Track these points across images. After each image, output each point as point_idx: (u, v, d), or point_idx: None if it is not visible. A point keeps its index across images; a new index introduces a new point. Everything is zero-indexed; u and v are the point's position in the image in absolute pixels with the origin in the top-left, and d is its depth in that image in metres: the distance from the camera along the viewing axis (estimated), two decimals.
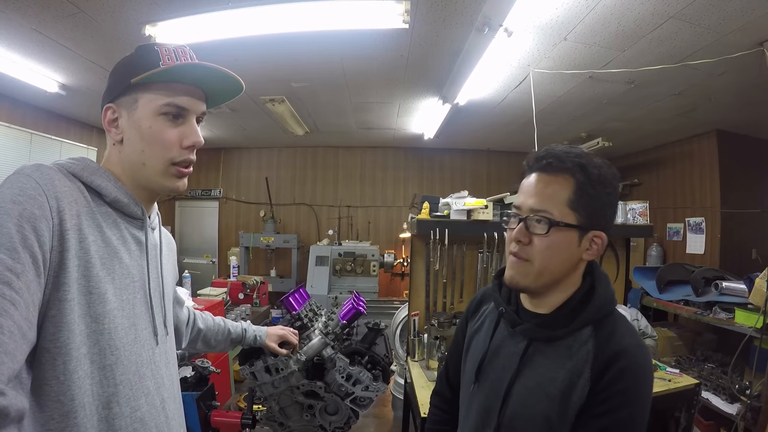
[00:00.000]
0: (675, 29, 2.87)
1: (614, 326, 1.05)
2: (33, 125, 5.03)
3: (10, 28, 3.17)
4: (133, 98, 0.99)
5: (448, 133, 5.98)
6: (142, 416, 0.95)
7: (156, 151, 1.00)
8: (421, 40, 3.27)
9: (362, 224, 7.81)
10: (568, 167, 1.03)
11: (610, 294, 1.10)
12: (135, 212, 1.01)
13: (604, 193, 1.03)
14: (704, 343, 4.28)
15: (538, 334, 1.09)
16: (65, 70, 4.01)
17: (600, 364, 0.99)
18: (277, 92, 4.74)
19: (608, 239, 1.08)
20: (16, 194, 0.78)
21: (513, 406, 1.09)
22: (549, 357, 1.07)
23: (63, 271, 0.82)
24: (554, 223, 1.02)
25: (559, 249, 1.04)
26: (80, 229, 0.87)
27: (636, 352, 1.01)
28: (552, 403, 1.02)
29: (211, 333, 1.65)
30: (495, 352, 1.18)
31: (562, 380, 1.02)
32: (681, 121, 5.04)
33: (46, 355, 0.81)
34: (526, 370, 1.09)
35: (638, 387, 0.99)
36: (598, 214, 1.04)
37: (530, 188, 1.08)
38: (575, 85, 4.04)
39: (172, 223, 8.19)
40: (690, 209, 5.81)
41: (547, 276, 1.06)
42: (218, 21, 2.82)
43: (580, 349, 1.03)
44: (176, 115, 1.01)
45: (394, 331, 4.12)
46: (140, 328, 0.98)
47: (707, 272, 3.90)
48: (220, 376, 3.04)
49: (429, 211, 3.11)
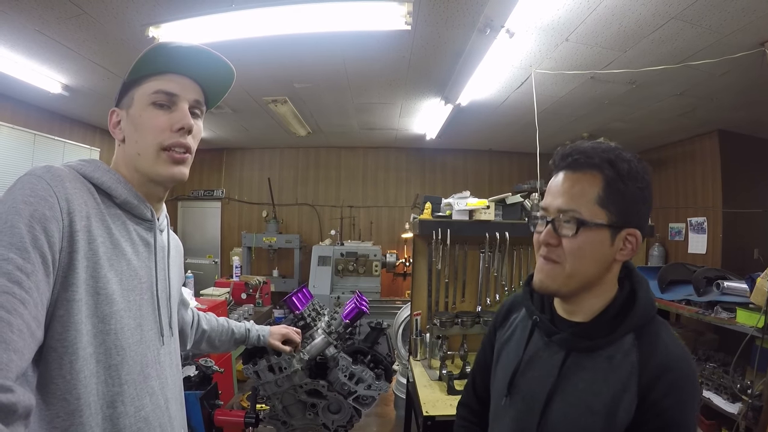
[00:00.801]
0: (676, 30, 2.88)
1: (657, 334, 0.99)
2: (36, 126, 5.05)
3: (13, 29, 3.19)
4: (129, 97, 1.03)
5: (450, 134, 5.99)
6: (146, 415, 0.96)
7: (147, 138, 1.00)
8: (423, 41, 3.28)
9: (364, 224, 7.82)
10: (596, 163, 0.97)
11: (651, 299, 1.03)
12: (144, 214, 1.03)
13: (636, 188, 0.97)
14: (706, 343, 4.26)
15: (576, 344, 1.02)
16: (68, 71, 4.03)
17: (647, 378, 0.93)
18: (280, 93, 4.76)
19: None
20: (27, 195, 0.80)
21: (553, 422, 1.01)
22: (589, 369, 1.00)
23: (72, 271, 0.83)
24: (583, 222, 0.96)
25: (590, 250, 0.97)
26: (89, 230, 0.88)
27: (684, 365, 0.95)
28: (597, 420, 0.95)
29: (215, 334, 1.66)
30: (529, 364, 1.11)
31: (606, 395, 0.95)
32: (683, 122, 5.04)
33: (53, 354, 0.82)
34: (565, 383, 1.02)
35: (689, 402, 0.92)
36: (631, 210, 0.97)
37: (557, 188, 1.02)
38: (577, 86, 4.05)
39: (174, 224, 8.13)
40: (692, 209, 5.80)
41: (579, 279, 1.00)
42: (221, 22, 2.82)
43: (624, 361, 0.96)
44: (167, 104, 1.02)
45: (396, 330, 4.14)
46: (146, 329, 0.99)
47: (709, 272, 3.89)
48: (224, 376, 3.05)
49: (431, 211, 3.12)
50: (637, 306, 0.99)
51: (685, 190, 5.96)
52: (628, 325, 0.98)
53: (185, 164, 1.06)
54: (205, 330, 1.63)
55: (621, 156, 0.97)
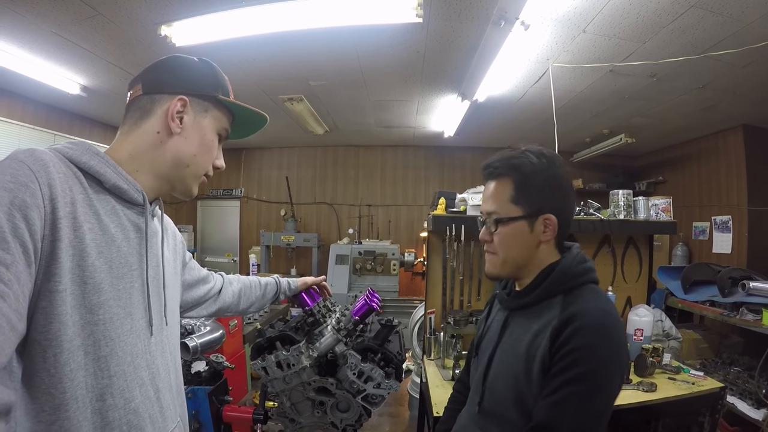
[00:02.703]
0: (696, 18, 2.79)
1: (581, 295, 1.18)
2: (56, 126, 5.15)
3: (31, 32, 3.24)
4: (205, 106, 1.08)
5: (468, 131, 5.92)
6: (135, 407, 0.93)
7: (205, 161, 1.10)
8: (436, 34, 3.24)
9: (383, 223, 7.79)
10: (504, 171, 1.24)
11: (577, 268, 1.22)
12: (135, 198, 0.99)
13: (541, 179, 1.21)
14: (730, 346, 4.15)
15: (512, 304, 1.30)
16: (86, 72, 4.09)
17: (558, 324, 1.11)
18: (296, 91, 4.75)
19: (562, 222, 1.24)
20: (7, 181, 0.77)
21: (493, 369, 1.26)
22: (521, 324, 1.24)
23: (54, 261, 0.80)
24: (500, 220, 1.24)
25: (512, 239, 1.24)
26: (75, 217, 0.85)
27: (593, 314, 1.10)
28: (519, 361, 1.16)
29: (245, 288, 1.72)
30: (488, 328, 1.40)
31: (527, 340, 1.17)
32: (705, 116, 4.90)
33: (37, 347, 0.80)
34: (505, 336, 1.28)
35: (593, 346, 1.06)
36: (540, 200, 1.21)
37: (486, 195, 1.31)
38: (596, 80, 3.96)
39: (194, 223, 8.33)
40: (716, 207, 5.64)
41: (511, 263, 1.26)
42: (233, 19, 2.82)
43: (547, 315, 1.17)
44: (221, 139, 1.15)
45: (411, 329, 4.09)
46: (136, 318, 0.97)
47: (734, 272, 3.79)
48: (237, 373, 3.05)
49: (445, 206, 3.06)
50: (555, 272, 1.22)
51: (709, 187, 5.80)
52: (547, 286, 1.21)
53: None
54: (238, 288, 1.68)
55: (525, 160, 1.22)
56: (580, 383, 1.04)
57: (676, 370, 2.73)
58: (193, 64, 1.10)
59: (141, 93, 1.03)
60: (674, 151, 6.37)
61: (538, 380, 1.11)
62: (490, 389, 1.26)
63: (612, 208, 3.15)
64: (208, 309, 1.56)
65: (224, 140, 1.16)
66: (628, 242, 3.27)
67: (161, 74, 1.06)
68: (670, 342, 3.31)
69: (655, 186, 6.72)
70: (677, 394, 2.48)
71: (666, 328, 3.34)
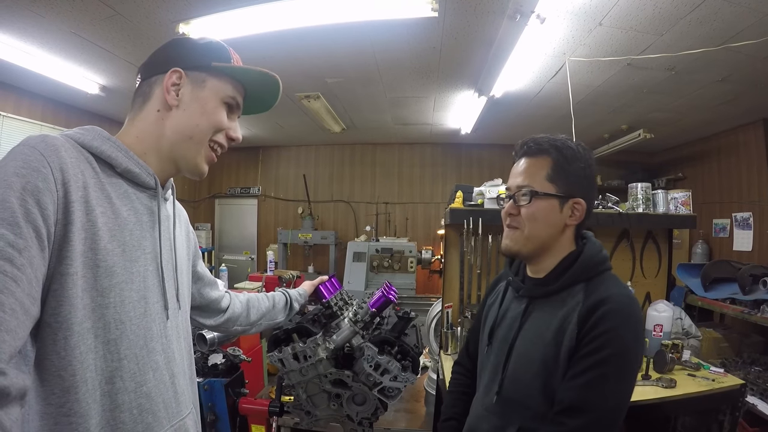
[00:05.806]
0: (714, 9, 2.74)
1: (603, 282, 1.21)
2: (76, 126, 5.17)
3: (50, 32, 3.30)
4: (201, 77, 1.05)
5: (486, 128, 5.91)
6: (148, 391, 0.94)
7: (208, 126, 1.05)
8: (452, 29, 3.23)
9: (400, 221, 7.79)
10: (545, 148, 1.26)
11: (599, 257, 1.26)
12: (147, 182, 1.00)
13: (579, 167, 1.25)
14: (751, 346, 4.08)
15: (534, 292, 1.29)
16: (105, 71, 4.16)
17: (585, 310, 1.14)
18: (312, 88, 4.78)
19: (588, 206, 1.27)
20: (19, 166, 0.77)
21: (515, 357, 1.26)
22: (545, 311, 1.24)
23: (67, 244, 0.81)
24: (535, 193, 1.23)
25: (543, 215, 1.24)
26: (87, 201, 0.86)
27: (619, 300, 1.14)
28: (547, 348, 1.17)
29: (253, 299, 1.69)
30: (503, 317, 1.37)
31: (554, 327, 1.18)
32: (725, 110, 4.82)
33: (47, 330, 0.80)
34: (527, 324, 1.27)
35: (619, 329, 1.10)
36: (575, 184, 1.25)
37: (517, 170, 1.31)
38: (613, 74, 3.92)
39: (212, 221, 8.42)
40: (737, 204, 5.53)
41: (536, 240, 1.26)
42: (250, 16, 2.86)
43: (572, 301, 1.19)
44: (232, 109, 1.10)
45: (428, 325, 4.08)
46: (151, 301, 0.97)
47: (755, 269, 3.74)
48: (254, 367, 3.07)
49: (462, 200, 3.04)
50: (580, 260, 1.24)
51: (729, 183, 5.69)
52: (573, 272, 1.23)
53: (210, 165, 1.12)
54: (241, 306, 1.63)
55: (566, 143, 1.26)
56: (609, 365, 1.08)
57: (696, 367, 2.68)
58: (188, 41, 1.10)
59: (140, 80, 1.06)
60: (693, 146, 6.27)
61: (564, 365, 1.13)
62: (512, 378, 1.25)
63: (631, 201, 3.10)
64: (217, 319, 1.52)
65: (238, 111, 1.13)
66: (647, 237, 3.22)
67: (156, 58, 1.07)
68: (690, 340, 3.25)
69: (674, 183, 6.61)
70: (697, 390, 2.43)
71: (685, 326, 3.28)
